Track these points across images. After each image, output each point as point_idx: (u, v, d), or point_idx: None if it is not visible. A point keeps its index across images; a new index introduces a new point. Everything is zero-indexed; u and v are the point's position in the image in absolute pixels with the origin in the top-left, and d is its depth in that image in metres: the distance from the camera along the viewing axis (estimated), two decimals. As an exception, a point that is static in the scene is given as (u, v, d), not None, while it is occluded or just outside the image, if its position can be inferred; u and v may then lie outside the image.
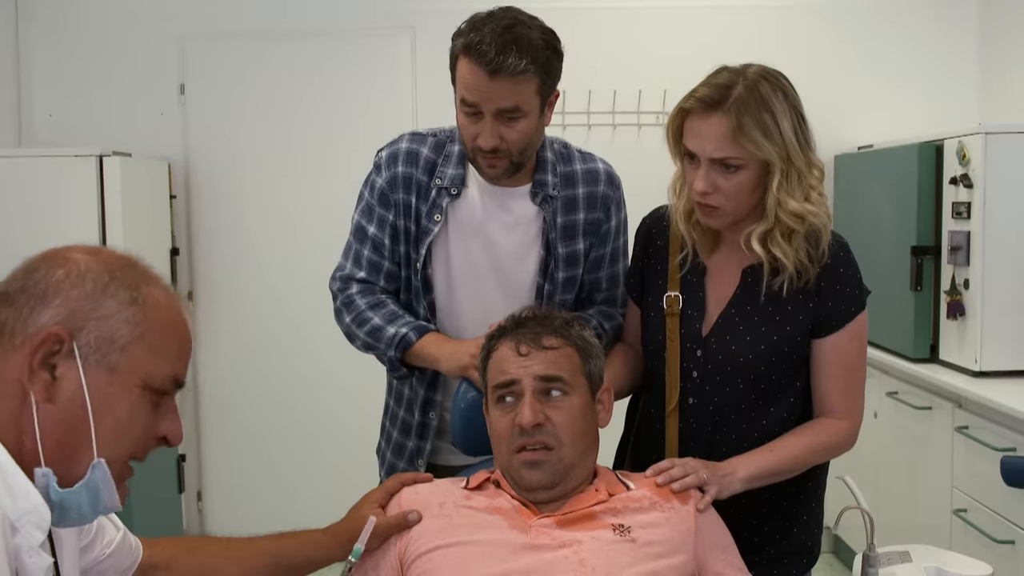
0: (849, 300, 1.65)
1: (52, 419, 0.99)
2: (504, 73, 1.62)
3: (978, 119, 3.82)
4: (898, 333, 3.20)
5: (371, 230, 1.86)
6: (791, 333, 1.63)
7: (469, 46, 1.64)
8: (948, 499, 2.84)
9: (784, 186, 1.56)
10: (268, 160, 3.90)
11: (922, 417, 3.02)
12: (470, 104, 1.68)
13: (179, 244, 3.86)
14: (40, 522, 0.96)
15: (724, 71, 1.60)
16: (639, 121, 3.84)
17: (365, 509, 1.51)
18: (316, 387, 3.89)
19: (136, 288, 1.03)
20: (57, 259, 1.03)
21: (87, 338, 1.00)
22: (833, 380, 1.66)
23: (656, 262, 1.75)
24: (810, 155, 1.59)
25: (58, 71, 3.87)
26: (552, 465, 1.47)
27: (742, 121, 1.53)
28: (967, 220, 2.89)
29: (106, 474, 1.01)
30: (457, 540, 1.44)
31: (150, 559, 1.32)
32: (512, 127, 1.69)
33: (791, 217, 1.57)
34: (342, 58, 3.87)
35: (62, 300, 0.99)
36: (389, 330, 1.80)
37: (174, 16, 3.86)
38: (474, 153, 1.74)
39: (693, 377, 1.67)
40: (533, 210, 1.83)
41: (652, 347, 1.73)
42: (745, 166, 1.56)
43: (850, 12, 3.89)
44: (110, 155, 3.28)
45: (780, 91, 1.57)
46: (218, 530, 3.94)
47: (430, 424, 1.90)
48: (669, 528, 1.46)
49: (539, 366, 1.50)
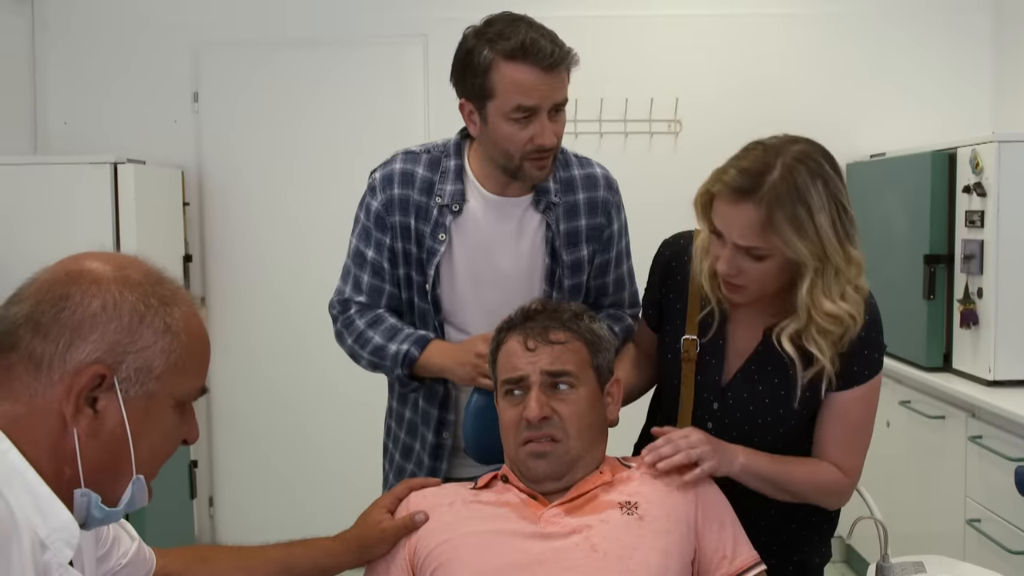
0: (868, 363, 1.58)
1: (95, 450, 1.02)
2: (563, 65, 1.65)
3: (991, 127, 3.80)
4: (911, 342, 3.18)
5: (370, 254, 1.84)
6: (811, 399, 1.58)
7: (523, 49, 1.61)
8: (961, 509, 2.82)
9: (819, 285, 1.46)
10: (281, 168, 3.92)
11: (935, 426, 3.00)
12: (528, 108, 1.65)
13: (192, 251, 3.88)
14: (70, 539, 0.98)
15: (759, 148, 1.48)
16: (651, 129, 3.85)
17: (374, 515, 1.52)
18: (327, 393, 3.90)
19: (168, 313, 1.05)
20: (87, 282, 1.02)
21: (127, 372, 1.02)
22: (833, 433, 1.60)
23: (675, 298, 1.70)
24: (849, 250, 1.46)
25: (73, 79, 3.90)
26: (558, 456, 1.49)
27: (773, 216, 1.41)
28: (980, 229, 2.87)
29: (142, 485, 1.06)
30: (467, 531, 1.45)
31: (163, 569, 1.33)
32: (558, 121, 1.70)
33: (825, 318, 1.47)
34: (354, 67, 3.89)
35: (100, 335, 1.00)
36: (391, 348, 1.79)
37: (188, 25, 3.89)
38: (524, 159, 1.70)
39: (708, 428, 1.61)
40: (536, 219, 1.82)
41: (668, 392, 1.69)
42: (772, 256, 1.46)
43: (862, 20, 3.88)
44: (124, 163, 3.30)
45: (820, 179, 1.44)
46: (230, 535, 3.97)
47: (444, 445, 1.88)
48: (671, 500, 1.47)
49: (546, 361, 1.51)
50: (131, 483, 1.04)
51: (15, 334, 1.00)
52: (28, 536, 0.94)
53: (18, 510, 0.94)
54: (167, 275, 1.10)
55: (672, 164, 3.81)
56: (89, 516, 1.03)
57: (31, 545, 0.94)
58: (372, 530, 1.49)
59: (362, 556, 1.50)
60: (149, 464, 1.06)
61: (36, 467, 0.98)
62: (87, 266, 1.04)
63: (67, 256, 1.07)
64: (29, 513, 0.95)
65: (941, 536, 2.94)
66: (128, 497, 1.05)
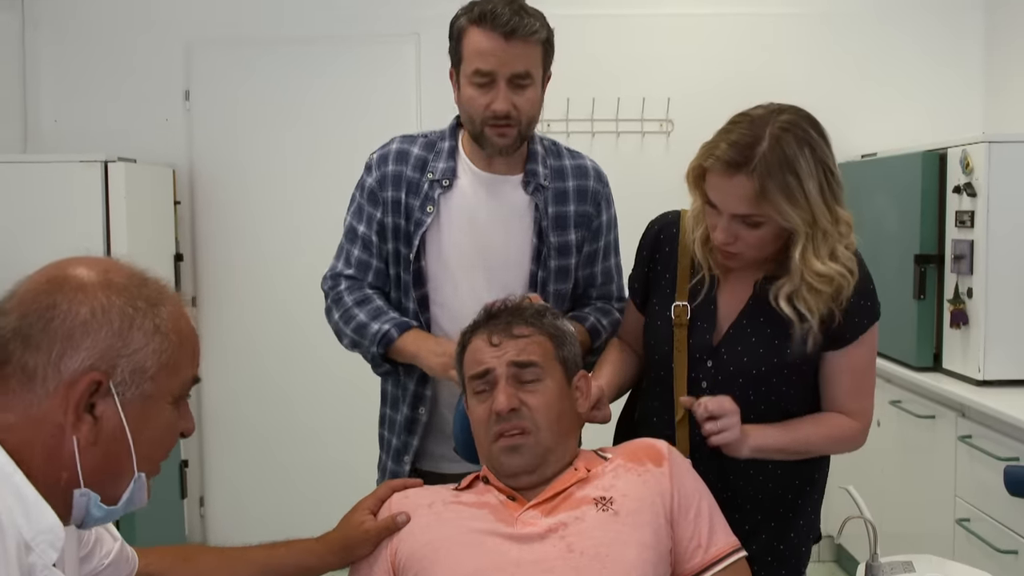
0: (863, 313, 1.63)
1: (95, 455, 1.02)
2: (520, 34, 1.69)
3: (983, 128, 3.82)
4: (901, 342, 3.19)
5: (361, 229, 1.89)
6: (804, 346, 1.61)
7: (483, 15, 1.70)
8: (951, 509, 2.83)
9: (809, 248, 1.52)
10: (272, 166, 3.91)
11: (925, 426, 3.01)
12: (484, 73, 1.72)
13: (183, 250, 3.87)
14: (55, 541, 0.98)
15: (746, 120, 1.52)
16: (642, 128, 3.85)
17: (357, 516, 1.52)
18: (319, 393, 3.89)
19: (156, 313, 1.05)
20: (72, 289, 1.02)
21: (121, 375, 1.02)
22: (844, 387, 1.65)
23: (664, 269, 1.74)
24: (837, 210, 1.54)
25: (64, 77, 3.88)
26: (530, 448, 1.49)
27: (765, 185, 1.47)
28: (970, 229, 2.88)
29: (143, 483, 1.07)
30: (445, 536, 1.45)
31: (146, 568, 1.33)
32: (522, 95, 1.74)
33: (817, 278, 1.53)
34: (347, 65, 3.88)
35: (91, 342, 1.00)
36: (373, 326, 1.83)
37: (179, 23, 3.88)
38: (483, 124, 1.76)
39: (703, 388, 1.65)
40: (525, 199, 1.86)
41: (658, 356, 1.72)
42: (767, 223, 1.52)
43: (854, 20, 3.89)
44: (115, 161, 3.30)
45: (807, 146, 1.50)
46: (220, 535, 3.96)
47: (419, 419, 1.90)
48: (646, 490, 1.48)
49: (512, 352, 1.53)
50: (132, 481, 1.05)
51: (5, 349, 1.00)
52: (13, 538, 0.94)
53: (3, 512, 0.94)
54: (150, 275, 1.09)
55: (664, 164, 3.81)
56: (88, 515, 1.03)
57: (16, 547, 0.94)
58: (355, 531, 1.50)
59: (345, 557, 1.50)
60: (150, 461, 1.07)
61: (27, 471, 0.98)
62: (69, 272, 1.04)
63: (45, 265, 1.06)
64: (15, 515, 0.95)
65: (931, 535, 2.95)
66: (128, 495, 1.06)
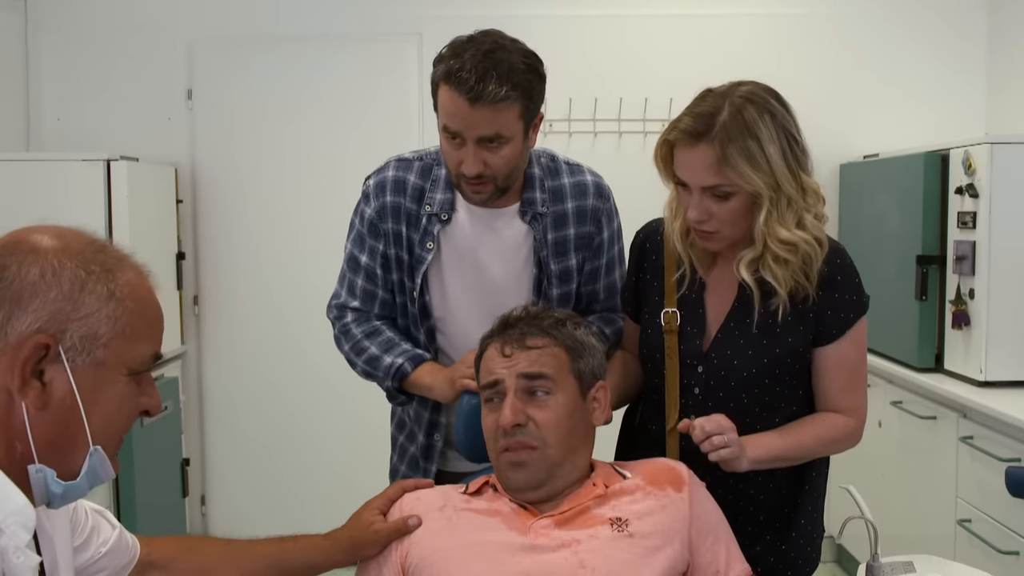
0: (848, 307, 1.64)
1: (45, 422, 0.99)
2: (484, 101, 1.60)
3: (985, 129, 3.81)
4: (903, 342, 3.19)
5: (363, 259, 1.87)
6: (792, 344, 1.63)
7: (449, 73, 1.61)
8: (952, 509, 2.83)
9: (773, 214, 1.53)
10: (274, 165, 3.91)
11: (926, 427, 3.01)
12: (452, 132, 1.66)
13: (185, 248, 3.88)
14: (26, 522, 0.96)
15: (709, 96, 1.56)
16: (645, 129, 3.84)
17: (367, 516, 1.51)
18: (320, 392, 3.89)
19: (112, 279, 1.02)
20: (25, 251, 0.99)
21: (71, 340, 0.99)
22: (836, 383, 1.66)
23: (652, 277, 1.74)
24: (803, 178, 1.54)
25: (66, 76, 3.89)
26: (536, 465, 1.48)
27: (727, 151, 1.50)
28: (972, 230, 2.88)
29: (102, 456, 1.03)
30: (457, 543, 1.44)
31: (148, 556, 1.32)
32: (495, 153, 1.67)
33: (781, 246, 1.54)
34: (349, 64, 3.88)
35: (40, 303, 0.97)
36: (386, 360, 1.82)
37: (182, 22, 3.88)
38: (458, 179, 1.73)
39: (695, 393, 1.66)
40: (523, 229, 1.83)
41: (651, 364, 1.72)
42: (736, 193, 1.53)
43: (857, 21, 3.89)
44: (117, 159, 3.30)
45: (767, 113, 1.52)
46: (221, 533, 3.93)
47: (435, 446, 1.90)
48: (664, 516, 1.47)
49: (522, 364, 1.51)
50: (88, 455, 1.01)
51: None
52: None
53: None
54: (114, 246, 1.07)
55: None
56: (49, 492, 1.00)
57: None
58: (364, 531, 1.49)
59: (352, 556, 1.50)
60: (105, 434, 1.03)
61: None
62: (26, 237, 1.02)
63: (8, 232, 1.04)
64: None
65: (932, 536, 2.94)
66: (86, 469, 1.01)
